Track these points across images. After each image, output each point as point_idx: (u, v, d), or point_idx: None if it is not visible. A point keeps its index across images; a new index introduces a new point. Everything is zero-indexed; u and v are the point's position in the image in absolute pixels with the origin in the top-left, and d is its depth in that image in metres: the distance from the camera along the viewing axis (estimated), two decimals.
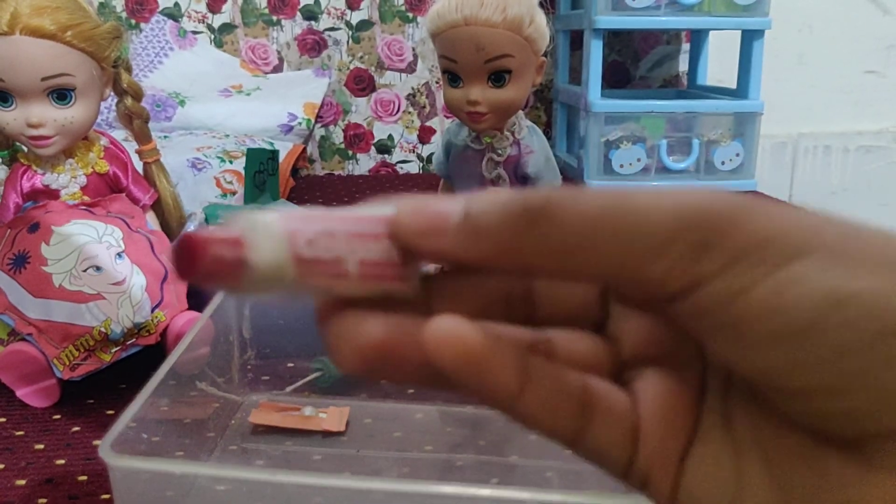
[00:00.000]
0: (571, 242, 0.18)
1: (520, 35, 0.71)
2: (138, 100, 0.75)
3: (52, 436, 0.63)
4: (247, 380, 0.68)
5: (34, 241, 0.67)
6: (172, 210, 0.79)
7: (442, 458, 0.62)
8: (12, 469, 0.59)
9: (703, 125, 1.45)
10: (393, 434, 0.64)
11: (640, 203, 0.17)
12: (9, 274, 0.67)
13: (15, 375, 0.66)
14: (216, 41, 1.62)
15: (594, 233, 0.18)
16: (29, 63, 0.64)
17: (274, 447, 0.62)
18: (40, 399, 0.67)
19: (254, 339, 0.68)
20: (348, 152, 1.71)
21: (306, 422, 0.63)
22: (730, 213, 0.17)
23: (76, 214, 0.69)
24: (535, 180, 0.80)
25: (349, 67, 1.66)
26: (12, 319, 0.66)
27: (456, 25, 0.70)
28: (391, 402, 0.68)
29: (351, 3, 1.63)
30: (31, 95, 0.66)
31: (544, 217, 0.18)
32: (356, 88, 1.68)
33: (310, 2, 1.61)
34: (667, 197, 0.17)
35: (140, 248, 0.69)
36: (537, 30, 0.73)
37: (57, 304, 0.65)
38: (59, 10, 0.65)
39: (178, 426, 0.61)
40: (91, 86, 0.68)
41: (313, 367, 0.68)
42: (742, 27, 1.44)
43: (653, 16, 1.37)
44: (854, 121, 1.84)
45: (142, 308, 0.67)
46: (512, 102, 0.74)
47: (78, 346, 0.66)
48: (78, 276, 0.66)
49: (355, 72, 1.66)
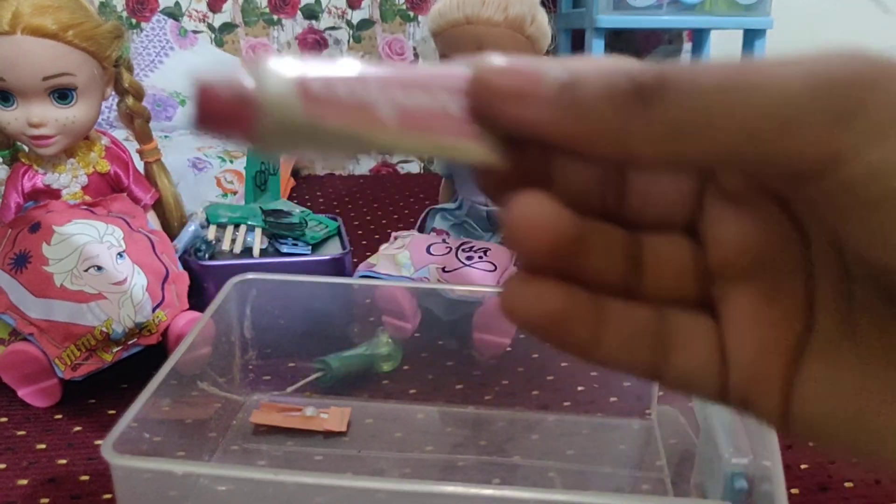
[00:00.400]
0: (690, 123, 0.16)
1: (521, 34, 0.71)
2: (140, 99, 0.74)
3: (53, 435, 0.63)
4: (248, 380, 0.68)
5: (35, 240, 0.67)
6: (174, 210, 0.78)
7: (443, 458, 0.62)
8: (14, 469, 0.59)
9: None
10: (394, 434, 0.64)
11: (767, 73, 0.15)
12: (10, 274, 0.67)
13: (16, 375, 0.66)
14: (217, 40, 1.62)
15: (717, 110, 0.16)
16: (30, 63, 0.64)
17: (275, 447, 0.62)
18: (42, 399, 0.67)
19: (255, 339, 0.68)
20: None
21: (308, 422, 0.63)
22: (871, 78, 0.15)
23: (77, 214, 0.69)
24: None
25: None
26: (13, 319, 0.66)
27: (458, 24, 0.70)
28: (392, 402, 0.68)
29: (352, 2, 1.63)
30: (32, 95, 0.66)
31: (658, 95, 0.16)
32: None
33: (310, 1, 1.61)
34: (795, 65, 0.16)
35: (141, 248, 0.69)
36: (539, 29, 0.73)
37: (58, 304, 0.65)
38: (60, 9, 0.65)
39: (180, 426, 0.61)
40: (92, 85, 0.68)
41: (315, 367, 0.68)
42: (744, 26, 1.43)
43: (654, 15, 1.37)
44: None
45: (143, 308, 0.66)
46: None
47: (79, 346, 0.65)
48: (79, 276, 0.66)
49: None
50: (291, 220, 0.77)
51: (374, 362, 0.70)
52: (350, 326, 0.70)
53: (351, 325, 0.71)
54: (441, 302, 0.73)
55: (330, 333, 0.69)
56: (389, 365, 0.71)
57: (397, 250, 0.78)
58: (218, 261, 0.77)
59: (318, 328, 0.68)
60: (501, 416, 0.67)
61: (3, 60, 0.64)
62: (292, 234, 0.78)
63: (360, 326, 0.71)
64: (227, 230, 0.77)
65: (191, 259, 0.76)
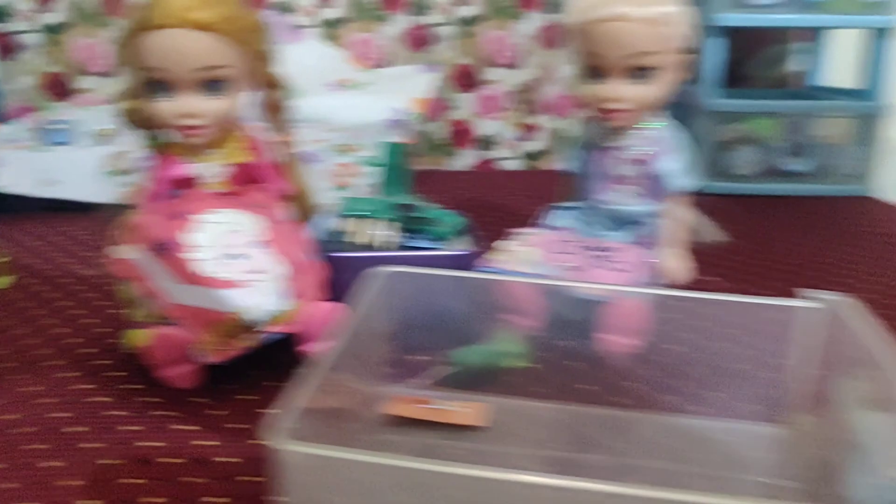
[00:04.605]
0: None
1: (666, 31, 0.70)
2: (283, 92, 0.76)
3: (197, 419, 0.65)
4: (385, 372, 0.69)
5: (180, 228, 0.69)
6: (307, 201, 0.80)
7: (576, 457, 0.61)
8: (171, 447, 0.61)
9: (822, 126, 1.40)
10: (525, 431, 0.64)
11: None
12: (156, 260, 0.69)
13: (162, 358, 0.68)
14: (326, 35, 1.64)
15: None
16: (185, 55, 0.66)
17: (413, 439, 0.63)
18: (183, 381, 0.69)
19: (393, 332, 0.68)
20: (451, 148, 1.71)
21: (446, 416, 0.64)
22: None
23: (221, 203, 0.71)
24: (670, 179, 0.78)
25: (454, 63, 1.66)
26: (157, 304, 0.68)
27: (603, 20, 0.69)
28: (520, 399, 0.68)
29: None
30: (185, 86, 0.68)
31: None
32: (460, 84, 1.68)
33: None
34: None
35: (282, 238, 0.71)
36: (683, 26, 0.72)
37: (202, 291, 0.67)
38: (212, 3, 0.66)
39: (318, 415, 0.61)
40: (241, 77, 0.70)
41: (449, 360, 0.68)
42: (869, 25, 1.38)
43: (777, 13, 1.33)
44: None
45: (282, 297, 0.68)
46: (653, 99, 0.73)
47: (219, 332, 0.67)
48: (222, 264, 0.67)
49: (460, 67, 1.67)
50: (424, 215, 0.78)
51: (503, 359, 0.70)
52: (481, 322, 0.70)
53: (482, 320, 0.70)
54: (570, 301, 0.73)
55: (464, 329, 0.69)
56: (519, 362, 0.71)
57: (525, 247, 0.78)
58: (353, 252, 0.78)
59: (452, 323, 0.68)
60: (635, 419, 0.66)
61: (160, 52, 0.66)
62: (424, 228, 0.78)
63: (490, 322, 0.71)
64: (363, 223, 0.78)
65: (329, 251, 0.77)
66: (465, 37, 1.65)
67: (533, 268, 0.76)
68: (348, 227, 0.78)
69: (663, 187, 0.81)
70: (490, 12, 1.63)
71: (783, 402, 0.65)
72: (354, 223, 0.79)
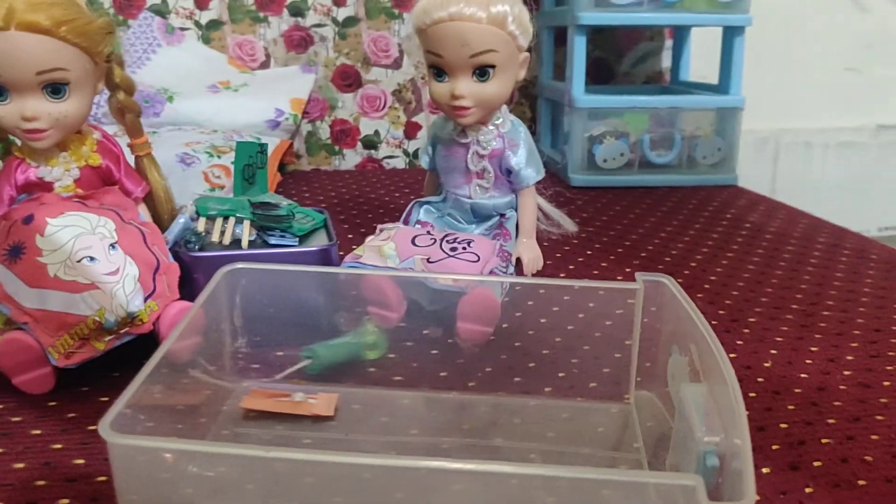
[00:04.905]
0: None
1: (504, 31, 0.73)
2: (130, 94, 0.76)
3: (48, 421, 0.65)
4: (237, 368, 0.70)
5: (29, 232, 0.68)
6: (164, 202, 0.80)
7: (428, 441, 0.64)
8: (10, 453, 0.60)
9: (686, 120, 1.48)
10: (380, 419, 0.66)
11: None
12: (4, 265, 0.68)
13: (11, 364, 0.68)
14: (204, 38, 1.63)
15: None
16: (24, 58, 0.66)
17: (265, 431, 0.64)
18: (36, 386, 0.69)
19: (244, 328, 0.69)
20: (335, 148, 1.72)
21: (297, 407, 0.65)
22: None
23: (70, 206, 0.70)
24: (519, 173, 0.82)
25: (335, 64, 1.68)
26: (8, 309, 0.67)
27: (441, 21, 0.72)
28: (378, 388, 0.70)
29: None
30: (25, 89, 0.67)
31: None
32: (342, 84, 1.69)
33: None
34: None
35: (133, 240, 0.71)
36: (521, 25, 0.75)
37: (52, 294, 0.67)
38: (53, 5, 0.66)
39: (171, 412, 0.62)
40: (85, 80, 0.70)
41: (302, 355, 0.70)
42: (723, 24, 1.46)
43: (635, 12, 1.39)
44: (835, 117, 1.87)
45: (135, 298, 0.68)
46: (496, 96, 0.76)
47: (73, 335, 0.67)
48: (72, 267, 0.67)
49: (342, 68, 1.68)
50: (279, 213, 0.79)
51: (360, 350, 0.72)
52: (337, 316, 0.72)
53: (338, 314, 0.72)
54: (425, 292, 0.75)
55: (317, 322, 0.70)
56: (375, 353, 0.73)
57: (383, 242, 0.80)
58: (207, 252, 0.79)
59: (306, 317, 0.70)
60: (484, 402, 0.69)
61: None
62: (280, 226, 0.80)
63: (346, 316, 0.73)
64: (216, 222, 0.79)
65: (181, 250, 0.78)
66: (346, 38, 1.66)
67: (389, 261, 0.78)
68: (200, 226, 0.79)
69: (513, 181, 0.84)
70: (369, 12, 1.65)
71: (624, 380, 0.69)
72: (207, 222, 0.79)
